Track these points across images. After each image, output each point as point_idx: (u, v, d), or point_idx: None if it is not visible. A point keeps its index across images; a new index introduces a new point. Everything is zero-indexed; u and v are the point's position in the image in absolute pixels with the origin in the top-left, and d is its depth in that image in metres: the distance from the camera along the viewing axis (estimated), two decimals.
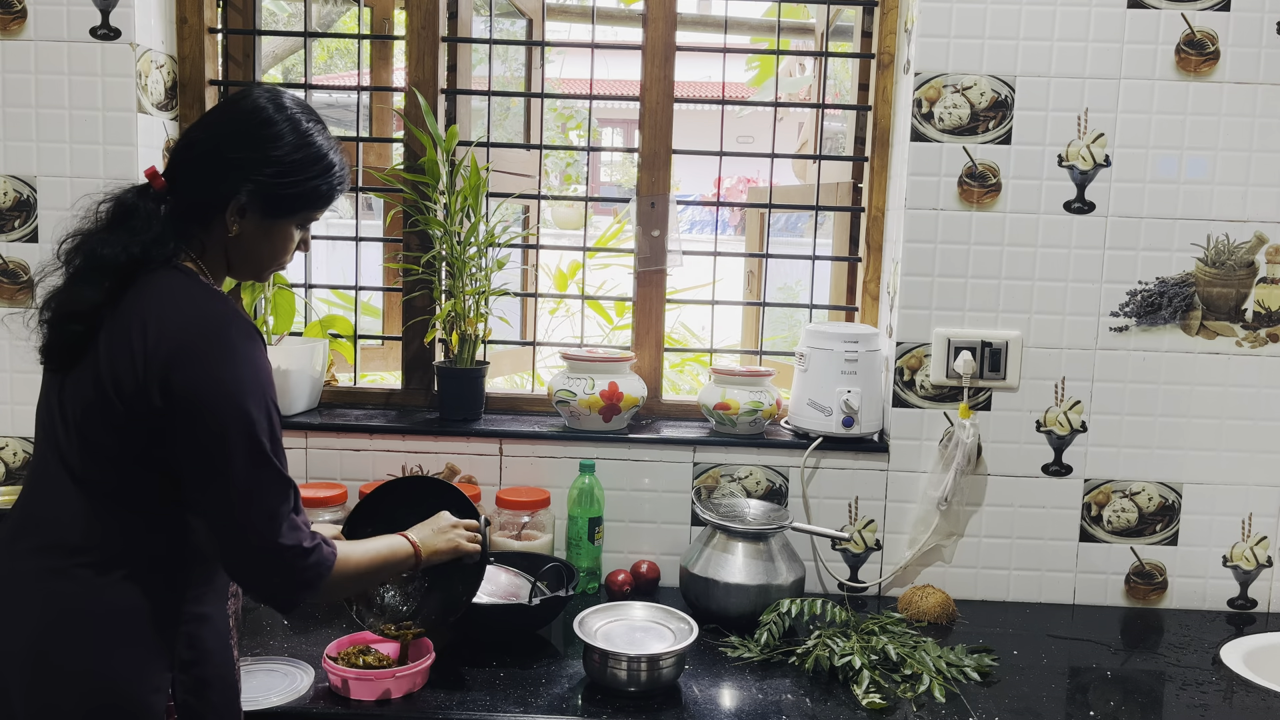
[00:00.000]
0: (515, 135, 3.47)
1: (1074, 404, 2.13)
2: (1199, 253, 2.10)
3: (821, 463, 2.18)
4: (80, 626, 1.28)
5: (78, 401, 1.31)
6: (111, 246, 1.32)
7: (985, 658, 1.82)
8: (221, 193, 1.36)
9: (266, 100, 1.39)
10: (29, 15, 2.09)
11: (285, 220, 1.42)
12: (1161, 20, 2.05)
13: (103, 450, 1.30)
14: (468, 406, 2.25)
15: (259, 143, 1.36)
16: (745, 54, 3.84)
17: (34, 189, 2.12)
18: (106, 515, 1.31)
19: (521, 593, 1.88)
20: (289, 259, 1.48)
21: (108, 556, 1.30)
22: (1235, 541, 2.16)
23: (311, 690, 1.64)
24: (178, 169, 1.39)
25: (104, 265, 1.32)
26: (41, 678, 1.27)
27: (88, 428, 1.30)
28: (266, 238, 1.42)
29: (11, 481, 2.18)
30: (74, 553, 1.30)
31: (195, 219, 1.37)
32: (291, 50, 4.35)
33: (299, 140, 1.38)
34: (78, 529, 1.30)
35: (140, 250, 1.32)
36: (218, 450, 1.27)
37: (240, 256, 1.42)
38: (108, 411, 1.28)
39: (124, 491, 1.31)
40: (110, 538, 1.31)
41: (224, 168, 1.36)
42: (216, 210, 1.37)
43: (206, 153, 1.37)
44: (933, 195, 2.10)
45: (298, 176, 1.39)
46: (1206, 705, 1.73)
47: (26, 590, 1.30)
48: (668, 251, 2.33)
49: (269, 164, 1.36)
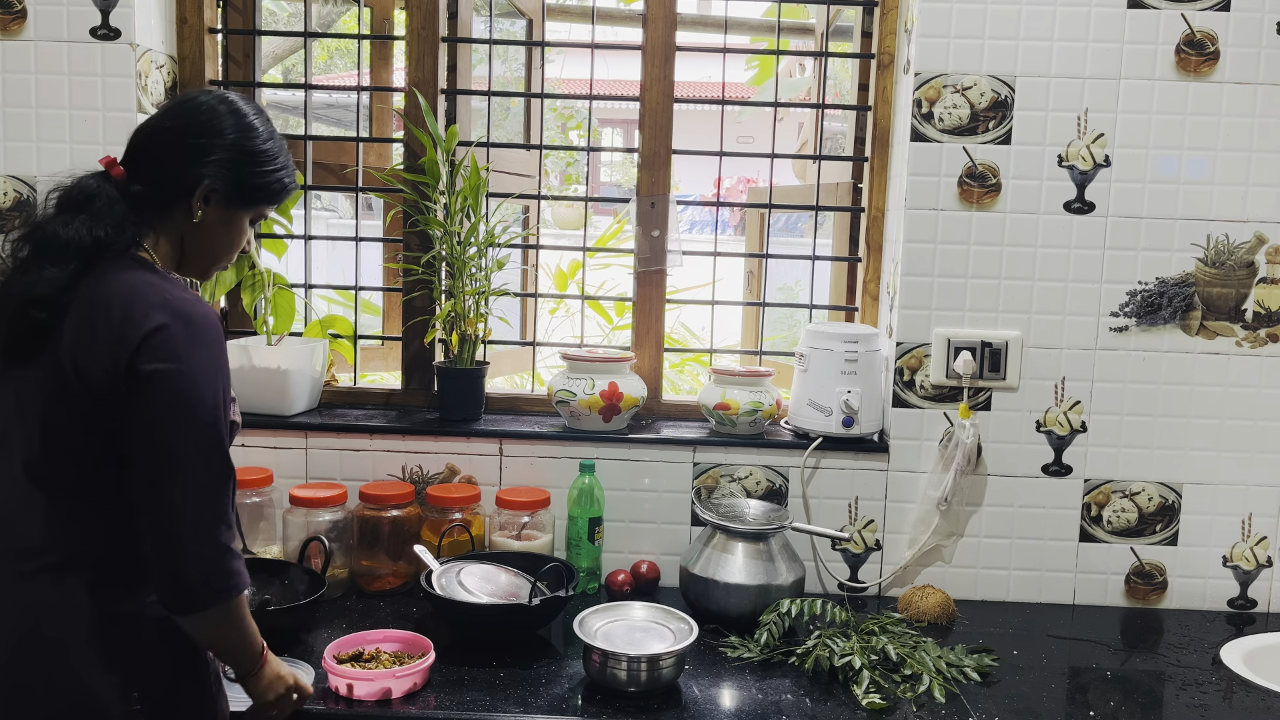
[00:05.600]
0: (515, 135, 3.46)
1: (1074, 404, 2.13)
2: (1199, 253, 2.10)
3: (821, 463, 2.18)
4: (43, 632, 1.27)
5: (38, 393, 1.28)
6: (74, 229, 1.31)
7: (985, 658, 1.82)
8: (188, 178, 1.37)
9: (217, 100, 1.41)
10: (29, 15, 2.09)
11: (244, 212, 1.44)
12: (1161, 20, 2.05)
13: (64, 442, 1.28)
14: (468, 406, 2.25)
15: (218, 133, 1.38)
16: (745, 54, 3.84)
17: (34, 189, 2.12)
18: (66, 514, 1.29)
19: (521, 593, 1.88)
20: (234, 257, 1.49)
21: (68, 558, 1.28)
22: (1235, 541, 2.16)
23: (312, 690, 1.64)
24: (139, 156, 1.38)
25: (67, 247, 1.30)
26: (4, 685, 1.26)
27: (50, 418, 1.28)
28: (224, 228, 1.43)
29: None
30: (36, 555, 1.28)
31: (155, 206, 1.37)
32: (291, 50, 4.35)
33: (254, 134, 1.41)
34: (37, 530, 1.29)
35: (104, 234, 1.31)
36: (170, 435, 1.26)
37: (196, 247, 1.42)
38: (70, 399, 1.26)
39: (84, 487, 1.29)
40: (71, 538, 1.29)
41: (190, 153, 1.37)
42: (180, 197, 1.37)
43: (172, 141, 1.38)
44: (933, 195, 2.10)
45: (262, 167, 1.41)
46: (1206, 705, 1.73)
47: None
48: (668, 251, 2.33)
49: (230, 151, 1.38)
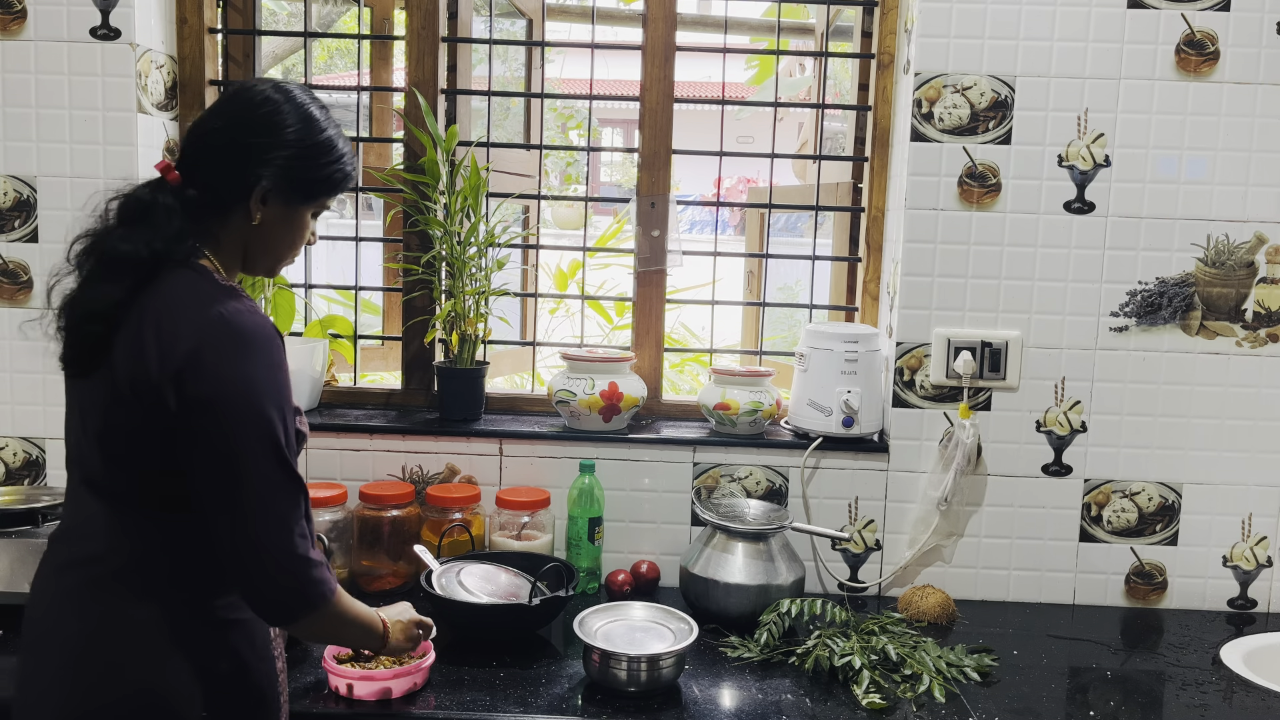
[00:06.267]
0: (515, 135, 3.46)
1: (1074, 404, 2.13)
2: (1199, 253, 2.10)
3: (821, 463, 2.18)
4: (112, 638, 1.27)
5: (96, 406, 1.29)
6: (132, 243, 1.29)
7: (985, 658, 1.82)
8: (245, 179, 1.33)
9: (273, 90, 1.37)
10: (29, 15, 2.08)
11: (304, 207, 1.41)
12: (1161, 20, 2.05)
13: (121, 454, 1.28)
14: (468, 406, 2.25)
15: (276, 128, 1.34)
16: (745, 54, 3.83)
17: (34, 189, 2.12)
18: (129, 524, 1.30)
19: (521, 593, 1.88)
20: (299, 251, 1.47)
21: (133, 565, 1.29)
22: (1235, 541, 2.16)
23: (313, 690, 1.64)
24: (194, 161, 1.36)
25: (125, 262, 1.28)
26: (77, 692, 1.27)
27: (106, 433, 1.28)
28: (286, 226, 1.40)
29: (12, 481, 2.17)
30: (101, 563, 1.29)
31: (214, 211, 1.35)
32: (291, 50, 4.35)
33: (314, 125, 1.37)
34: (102, 539, 1.29)
35: (162, 246, 1.29)
36: (232, 452, 1.24)
37: (259, 247, 1.40)
38: (125, 413, 1.26)
39: (143, 498, 1.29)
40: (134, 546, 1.29)
41: (245, 154, 1.33)
42: (238, 199, 1.35)
43: (226, 142, 1.34)
44: (933, 195, 2.10)
45: (318, 160, 1.37)
46: (1206, 705, 1.73)
47: (64, 604, 1.29)
48: (668, 251, 2.33)
49: (289, 148, 1.34)
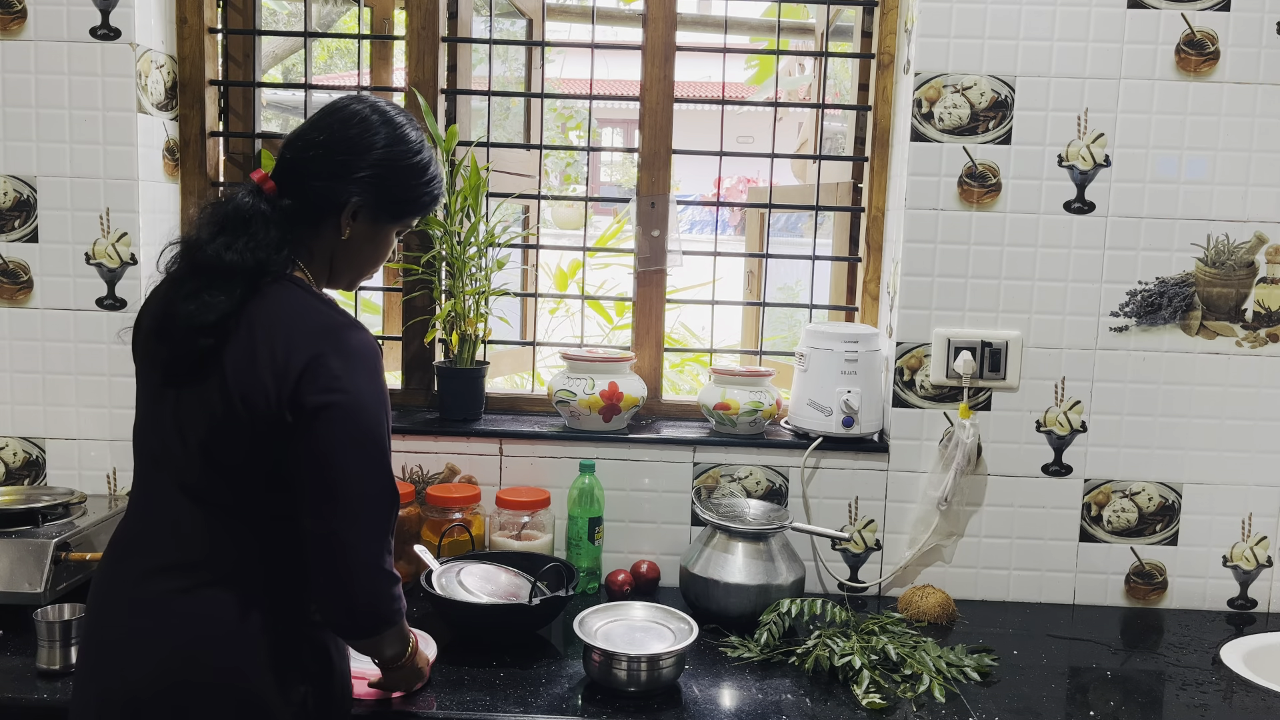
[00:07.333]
0: (515, 135, 3.47)
1: (1074, 404, 2.13)
2: (1199, 253, 2.10)
3: (821, 463, 2.18)
4: (211, 644, 1.28)
5: (200, 416, 1.28)
6: (237, 252, 1.30)
7: (985, 658, 1.82)
8: (338, 195, 1.35)
9: (371, 110, 1.38)
10: (29, 15, 2.08)
11: (391, 225, 1.43)
12: (1161, 20, 2.05)
13: (225, 464, 1.29)
14: (468, 406, 2.25)
15: (371, 147, 1.36)
16: (745, 54, 3.84)
17: (34, 189, 2.12)
18: (225, 532, 1.30)
19: (521, 593, 1.88)
20: (379, 269, 1.49)
21: (231, 573, 1.30)
22: (1235, 541, 2.16)
23: None
24: (290, 171, 1.37)
25: (233, 272, 1.29)
26: (176, 697, 1.27)
27: (212, 441, 1.28)
28: (372, 242, 1.42)
29: (12, 481, 2.17)
30: (197, 571, 1.29)
31: (307, 223, 1.36)
32: (291, 50, 4.36)
33: (408, 147, 1.39)
34: (197, 547, 1.30)
35: (265, 255, 1.31)
36: (344, 462, 1.26)
37: (345, 262, 1.42)
38: (234, 424, 1.27)
39: (242, 507, 1.31)
40: (231, 554, 1.30)
41: (342, 169, 1.35)
42: (330, 213, 1.36)
43: (323, 155, 1.36)
44: (933, 195, 2.10)
45: (409, 181, 1.40)
46: (1206, 705, 1.73)
47: (156, 612, 1.29)
48: (668, 251, 2.33)
49: (381, 166, 1.36)
